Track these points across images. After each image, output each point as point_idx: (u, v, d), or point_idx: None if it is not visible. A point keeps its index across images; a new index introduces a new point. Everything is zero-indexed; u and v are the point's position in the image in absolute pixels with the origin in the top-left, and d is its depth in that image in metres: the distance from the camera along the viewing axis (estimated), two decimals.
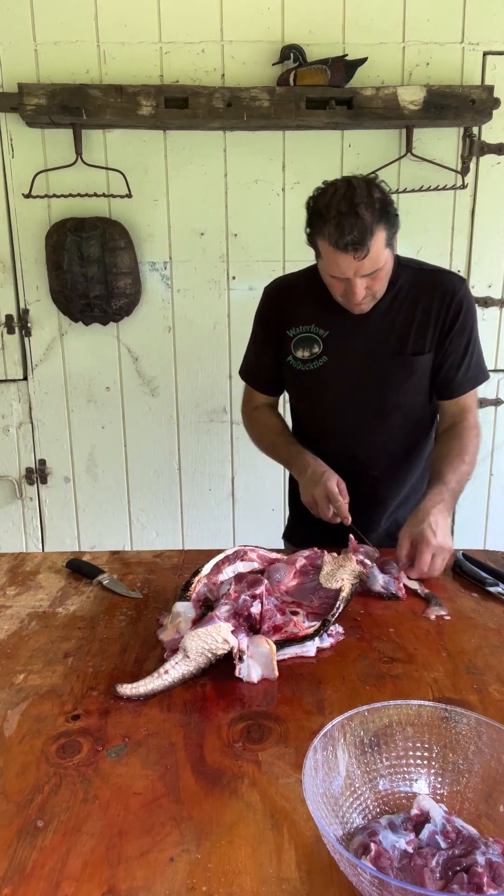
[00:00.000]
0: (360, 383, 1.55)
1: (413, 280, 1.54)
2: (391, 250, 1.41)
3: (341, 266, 1.36)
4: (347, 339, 1.55)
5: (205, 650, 1.02)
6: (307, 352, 1.57)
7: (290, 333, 1.59)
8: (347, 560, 1.28)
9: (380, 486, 1.64)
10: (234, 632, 1.04)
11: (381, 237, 1.35)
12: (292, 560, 1.30)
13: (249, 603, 1.11)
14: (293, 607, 1.18)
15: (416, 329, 1.51)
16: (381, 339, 1.52)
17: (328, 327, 1.55)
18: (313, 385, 1.60)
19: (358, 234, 1.31)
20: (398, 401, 1.56)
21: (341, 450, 1.61)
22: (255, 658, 1.03)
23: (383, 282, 1.44)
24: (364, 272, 1.37)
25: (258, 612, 1.10)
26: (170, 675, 0.99)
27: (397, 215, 1.39)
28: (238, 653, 1.02)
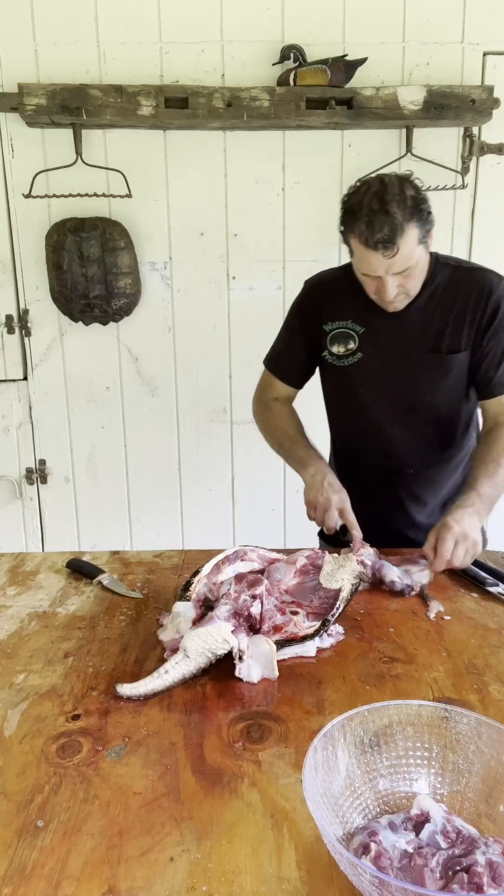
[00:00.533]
0: (394, 381, 1.55)
1: (450, 278, 1.53)
2: (425, 248, 1.41)
3: (372, 264, 1.37)
4: (383, 336, 1.55)
5: (205, 650, 1.01)
6: (343, 347, 1.57)
7: (327, 328, 1.59)
8: (347, 560, 1.28)
9: (415, 484, 1.62)
10: (234, 632, 1.04)
11: (413, 235, 1.34)
12: (292, 560, 1.30)
13: (249, 603, 1.11)
14: (293, 607, 1.17)
15: (452, 327, 1.50)
16: (417, 337, 1.52)
17: (364, 324, 1.55)
18: (348, 381, 1.60)
19: (388, 231, 1.31)
20: (432, 399, 1.55)
21: (375, 446, 1.61)
22: (255, 658, 1.03)
23: (417, 280, 1.44)
24: (395, 270, 1.37)
25: (258, 613, 1.10)
26: (170, 675, 0.99)
27: (430, 213, 1.38)
28: (238, 653, 1.02)
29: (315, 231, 2.52)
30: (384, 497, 1.63)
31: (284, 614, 1.13)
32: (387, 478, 1.62)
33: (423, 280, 1.48)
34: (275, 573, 1.26)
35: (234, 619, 1.08)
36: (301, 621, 1.12)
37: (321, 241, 2.53)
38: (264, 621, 1.10)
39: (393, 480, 1.60)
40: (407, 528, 1.64)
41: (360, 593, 1.30)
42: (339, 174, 2.47)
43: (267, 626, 1.09)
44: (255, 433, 2.66)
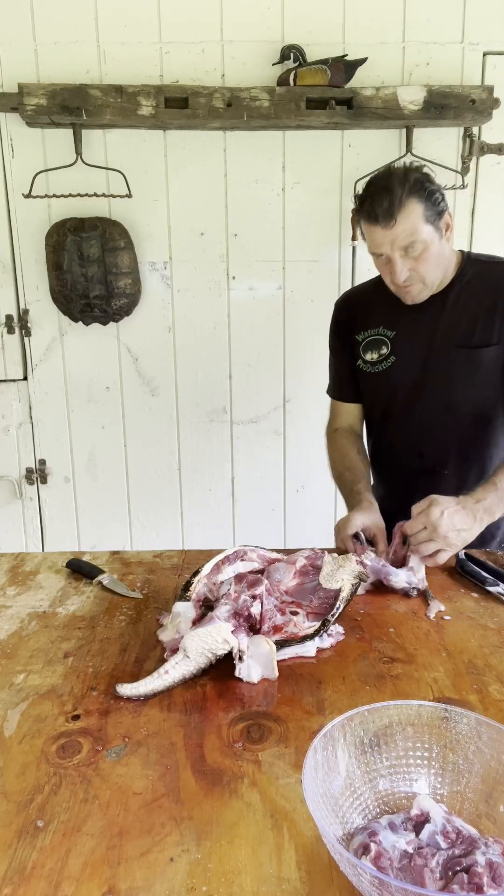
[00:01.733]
0: (427, 379, 1.56)
1: (481, 271, 1.54)
2: (436, 231, 1.42)
3: (376, 240, 1.40)
4: (413, 336, 1.56)
5: (205, 650, 1.01)
6: (376, 354, 1.60)
7: (360, 338, 1.63)
8: (347, 560, 1.28)
9: (449, 486, 1.59)
10: (234, 632, 1.04)
11: (416, 210, 1.37)
12: (292, 560, 1.30)
13: (249, 603, 1.10)
14: (293, 607, 1.17)
15: (483, 320, 1.50)
16: (447, 334, 1.52)
17: (395, 328, 1.58)
18: (382, 386, 1.62)
19: (387, 204, 1.36)
20: (466, 395, 1.55)
21: (410, 448, 1.62)
22: (255, 658, 1.02)
23: (430, 265, 1.44)
24: (399, 244, 1.39)
25: (258, 613, 1.10)
26: (170, 676, 0.98)
27: (439, 194, 1.41)
28: (238, 653, 1.02)
29: (315, 231, 2.52)
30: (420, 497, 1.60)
31: (284, 614, 1.13)
32: (421, 478, 1.61)
33: (441, 268, 1.48)
34: (274, 573, 1.26)
35: (235, 619, 1.07)
36: (301, 621, 1.12)
37: (321, 241, 2.53)
38: (264, 621, 1.09)
39: (428, 481, 1.59)
40: None
41: (360, 594, 1.30)
42: (339, 174, 2.47)
43: (267, 626, 1.09)
44: (254, 433, 2.68)
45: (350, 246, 2.50)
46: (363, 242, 1.51)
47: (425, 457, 1.62)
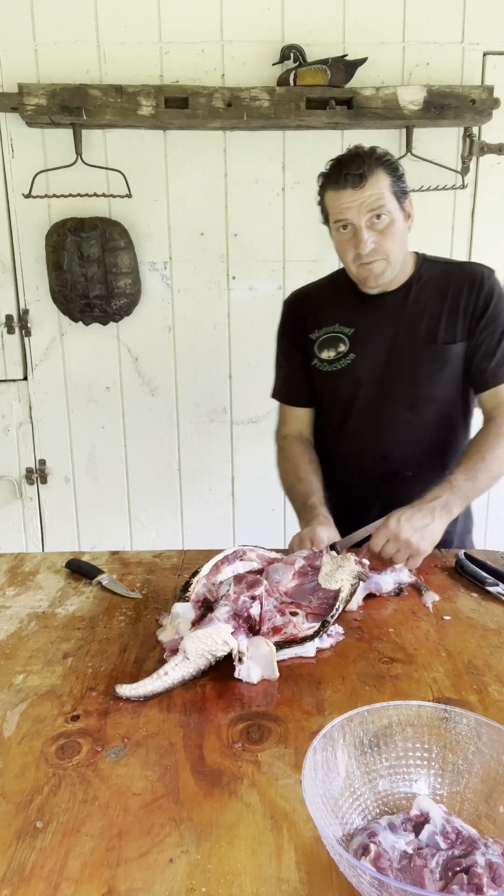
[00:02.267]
0: (392, 376, 1.53)
1: (439, 271, 1.54)
2: (401, 211, 1.43)
3: (343, 203, 1.40)
4: (375, 333, 1.53)
5: (204, 652, 1.01)
6: (332, 351, 1.56)
7: (314, 336, 1.59)
8: (346, 560, 1.27)
9: (414, 488, 1.55)
10: (234, 633, 1.03)
11: (384, 179, 1.39)
12: (291, 561, 1.29)
13: (249, 604, 1.10)
14: (292, 608, 1.17)
15: (447, 317, 1.49)
16: (411, 330, 1.51)
17: (353, 325, 1.55)
18: (342, 384, 1.57)
19: (356, 166, 1.37)
20: (431, 393, 1.53)
21: (373, 450, 1.59)
22: (255, 659, 1.02)
23: (395, 242, 1.43)
24: (367, 207, 1.38)
25: (258, 614, 1.09)
26: (169, 677, 0.98)
27: (403, 174, 1.43)
28: (238, 654, 1.01)
29: (315, 231, 2.51)
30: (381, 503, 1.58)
31: (284, 615, 1.12)
32: (385, 482, 1.59)
33: (402, 253, 1.47)
34: (273, 574, 1.24)
35: (234, 620, 1.07)
36: (300, 622, 1.12)
37: (321, 241, 2.52)
38: (264, 622, 1.09)
39: (392, 484, 1.58)
40: None
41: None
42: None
43: (266, 627, 1.08)
44: (254, 433, 2.67)
45: None
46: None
47: (390, 458, 1.58)
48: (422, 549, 1.30)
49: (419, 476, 1.58)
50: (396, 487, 1.58)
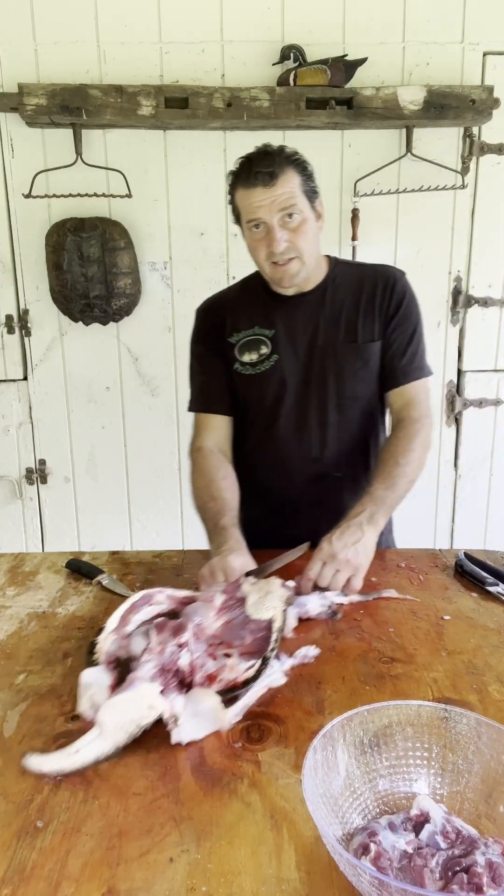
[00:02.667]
0: (317, 376, 1.52)
1: (352, 273, 1.55)
2: (311, 210, 1.42)
3: (254, 202, 1.38)
4: (296, 333, 1.52)
5: (125, 723, 0.86)
6: (255, 354, 1.53)
7: (233, 340, 1.55)
8: (271, 584, 1.15)
9: (343, 489, 1.57)
10: (164, 692, 0.89)
11: (294, 178, 1.38)
12: (209, 598, 1.13)
13: (177, 654, 0.96)
14: (223, 650, 1.03)
15: (364, 317, 1.51)
16: (332, 329, 1.51)
17: (273, 326, 1.52)
18: (267, 387, 1.53)
19: (266, 164, 1.36)
20: (355, 391, 1.53)
21: (303, 454, 1.55)
22: (199, 717, 0.89)
23: (308, 241, 1.42)
24: (279, 206, 1.37)
25: (188, 664, 0.96)
26: (80, 756, 0.83)
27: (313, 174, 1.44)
28: (172, 717, 0.88)
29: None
30: (312, 507, 1.57)
31: (216, 659, 0.99)
32: (315, 484, 1.57)
33: (316, 252, 1.47)
34: (193, 616, 1.08)
35: (162, 676, 0.93)
36: (236, 664, 0.99)
37: (321, 241, 2.52)
38: (195, 672, 0.96)
39: (322, 486, 1.56)
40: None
41: (359, 594, 1.30)
42: (339, 174, 2.47)
43: (199, 676, 0.96)
44: None
45: (350, 246, 2.50)
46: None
47: (319, 460, 1.56)
48: (360, 564, 1.26)
49: (347, 476, 1.58)
50: (327, 490, 1.56)
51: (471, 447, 2.76)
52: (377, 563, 1.43)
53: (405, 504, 2.64)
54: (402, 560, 1.45)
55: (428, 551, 1.51)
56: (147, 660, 0.94)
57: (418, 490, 2.87)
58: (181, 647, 0.97)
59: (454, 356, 2.67)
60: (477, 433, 2.74)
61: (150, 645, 0.97)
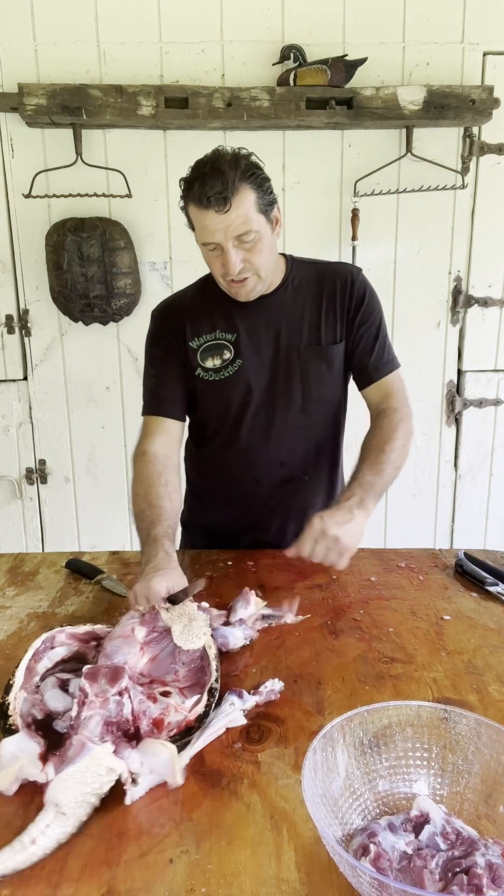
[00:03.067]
0: (282, 380, 1.50)
1: (310, 272, 1.51)
2: (268, 224, 1.36)
3: (208, 226, 1.31)
4: (259, 337, 1.48)
5: (86, 795, 0.75)
6: (218, 359, 1.49)
7: (195, 345, 1.50)
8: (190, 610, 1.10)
9: (309, 491, 1.58)
10: (116, 751, 0.79)
11: (249, 197, 1.30)
12: (126, 633, 1.03)
13: (121, 704, 0.85)
14: (158, 687, 0.95)
15: (325, 318, 1.48)
16: (294, 332, 1.48)
17: (234, 330, 1.48)
18: (232, 392, 1.50)
19: (220, 186, 1.27)
20: (321, 394, 1.52)
21: (269, 458, 1.54)
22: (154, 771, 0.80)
23: (264, 257, 1.37)
24: (233, 233, 1.31)
25: (130, 712, 0.85)
26: (39, 845, 0.70)
27: (269, 183, 1.35)
28: (130, 776, 0.78)
29: (315, 231, 2.52)
30: (280, 511, 1.57)
31: (157, 701, 0.89)
32: (282, 488, 1.56)
33: (272, 262, 1.42)
34: (115, 656, 0.97)
35: (110, 732, 0.82)
36: (180, 702, 0.90)
37: (321, 241, 2.53)
38: (139, 720, 0.86)
39: (289, 490, 1.55)
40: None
41: (359, 594, 1.30)
42: (339, 174, 2.47)
43: (145, 724, 0.86)
44: None
45: (350, 246, 2.50)
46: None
47: (286, 465, 1.55)
48: (350, 544, 1.24)
49: (315, 478, 1.58)
50: (293, 492, 1.56)
51: (471, 447, 2.76)
52: (377, 563, 1.43)
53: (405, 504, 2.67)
54: (402, 560, 1.45)
55: (428, 551, 1.51)
56: (89, 715, 0.82)
57: (418, 490, 2.88)
58: (121, 694, 0.85)
59: (454, 356, 2.67)
60: (477, 433, 2.74)
61: (89, 698, 0.84)
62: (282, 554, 1.29)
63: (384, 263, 2.56)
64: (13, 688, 0.90)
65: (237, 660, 1.08)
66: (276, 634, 1.15)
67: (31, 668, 0.97)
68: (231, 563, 1.44)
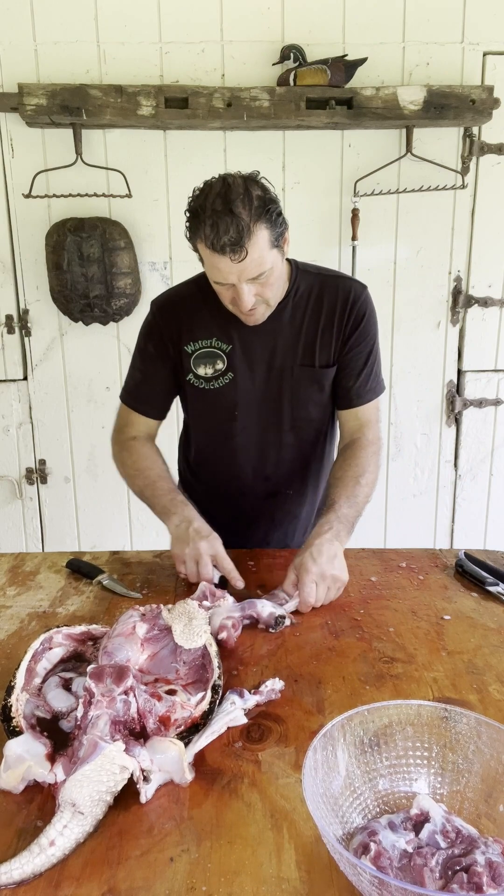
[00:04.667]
0: (272, 399, 1.48)
1: (313, 285, 1.46)
2: (280, 253, 1.32)
3: (223, 271, 1.26)
4: (253, 352, 1.45)
5: (101, 794, 0.75)
6: (210, 368, 1.46)
7: (189, 349, 1.47)
8: (187, 606, 1.11)
9: (294, 504, 1.58)
10: (127, 749, 0.78)
11: (263, 237, 1.24)
12: (127, 631, 1.03)
13: (128, 702, 0.85)
14: (163, 686, 0.96)
15: (322, 339, 1.45)
16: (289, 351, 1.45)
17: (230, 341, 1.45)
18: (220, 404, 1.49)
19: (234, 233, 1.20)
20: (310, 414, 1.50)
21: (253, 471, 1.54)
22: (162, 767, 0.81)
23: (275, 287, 1.35)
24: (248, 276, 1.26)
25: (136, 711, 0.85)
26: (58, 847, 0.70)
27: (281, 214, 1.28)
28: (143, 775, 0.78)
29: (315, 231, 2.52)
30: (265, 519, 1.58)
31: (161, 699, 0.89)
32: (266, 501, 1.56)
33: (283, 288, 1.40)
34: (117, 654, 0.97)
35: (118, 731, 0.82)
36: (185, 699, 0.91)
37: (321, 241, 2.53)
38: (145, 718, 0.86)
39: (272, 503, 1.55)
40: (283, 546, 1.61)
41: (360, 594, 1.30)
42: (339, 174, 2.47)
43: (152, 722, 0.86)
44: None
45: (350, 246, 2.50)
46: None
47: (271, 479, 1.55)
48: (345, 579, 1.26)
49: (299, 492, 1.58)
50: (278, 505, 1.56)
51: (471, 447, 2.76)
52: (378, 563, 1.43)
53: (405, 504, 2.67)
54: (402, 560, 1.45)
55: (428, 551, 1.51)
56: (96, 714, 0.82)
57: (418, 490, 2.88)
58: (127, 693, 0.85)
59: (454, 356, 2.67)
60: (477, 433, 2.74)
61: (95, 697, 0.83)
62: (281, 554, 1.30)
63: (384, 263, 2.56)
64: (15, 689, 0.91)
65: (237, 659, 1.08)
66: (277, 634, 1.15)
67: (31, 670, 0.98)
68: None
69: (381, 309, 2.58)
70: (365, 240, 2.50)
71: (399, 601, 1.27)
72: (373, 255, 2.54)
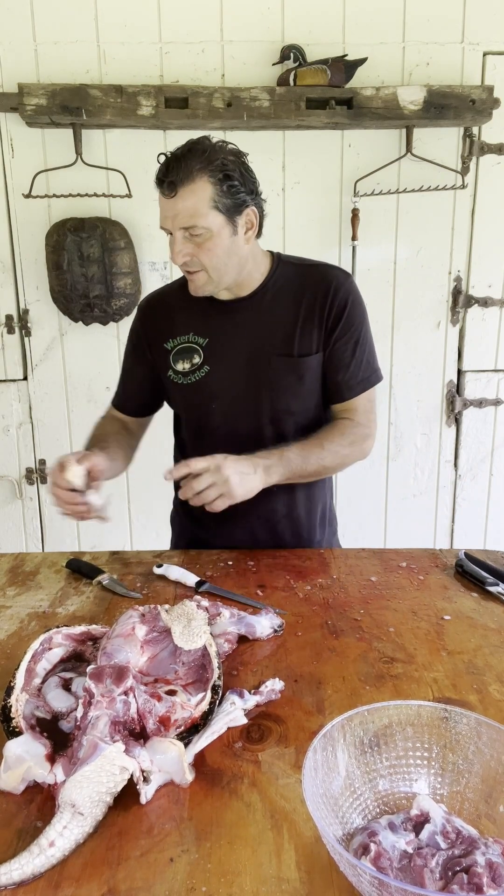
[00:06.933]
0: (248, 390, 1.45)
1: (293, 275, 1.44)
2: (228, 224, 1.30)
3: (161, 210, 1.30)
4: (228, 343, 1.44)
5: (101, 794, 0.75)
6: (187, 363, 1.46)
7: (168, 346, 1.48)
8: (189, 609, 1.10)
9: (280, 503, 1.53)
10: (127, 749, 0.78)
11: (204, 190, 1.25)
12: (126, 632, 1.03)
13: (128, 703, 0.84)
14: (163, 686, 0.95)
15: (301, 328, 1.42)
16: (265, 340, 1.43)
17: (206, 334, 1.45)
18: (198, 398, 1.48)
19: (175, 173, 1.24)
20: (290, 406, 1.46)
21: None
22: (162, 768, 0.81)
23: (215, 257, 1.32)
24: (179, 223, 1.27)
25: (135, 711, 0.85)
26: (58, 848, 0.70)
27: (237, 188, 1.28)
28: (142, 775, 0.78)
29: (315, 231, 2.52)
30: (246, 516, 1.50)
31: (161, 700, 0.89)
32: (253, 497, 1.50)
33: (234, 267, 1.36)
34: (116, 655, 0.97)
35: (118, 732, 0.82)
36: (186, 700, 0.91)
37: (321, 241, 2.53)
38: (145, 719, 0.86)
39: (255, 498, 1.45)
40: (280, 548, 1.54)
41: (359, 594, 1.30)
42: (339, 174, 2.47)
43: (152, 723, 0.86)
44: None
45: (350, 246, 2.50)
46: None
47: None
48: (236, 493, 1.24)
49: (283, 487, 1.51)
50: (261, 500, 1.50)
51: (471, 447, 2.76)
52: (378, 563, 1.43)
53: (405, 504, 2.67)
54: (402, 560, 1.45)
55: (428, 551, 1.51)
56: (96, 715, 0.81)
57: (418, 490, 2.88)
58: (127, 693, 0.85)
59: (454, 356, 2.67)
60: (477, 433, 2.74)
61: (95, 698, 0.83)
62: (281, 553, 1.29)
63: (384, 263, 2.56)
64: (14, 690, 0.91)
65: (237, 660, 1.08)
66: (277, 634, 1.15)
67: (31, 670, 0.98)
68: (231, 563, 1.44)
69: (381, 309, 2.59)
70: (365, 240, 2.50)
71: (399, 601, 1.27)
72: (373, 255, 2.54)
